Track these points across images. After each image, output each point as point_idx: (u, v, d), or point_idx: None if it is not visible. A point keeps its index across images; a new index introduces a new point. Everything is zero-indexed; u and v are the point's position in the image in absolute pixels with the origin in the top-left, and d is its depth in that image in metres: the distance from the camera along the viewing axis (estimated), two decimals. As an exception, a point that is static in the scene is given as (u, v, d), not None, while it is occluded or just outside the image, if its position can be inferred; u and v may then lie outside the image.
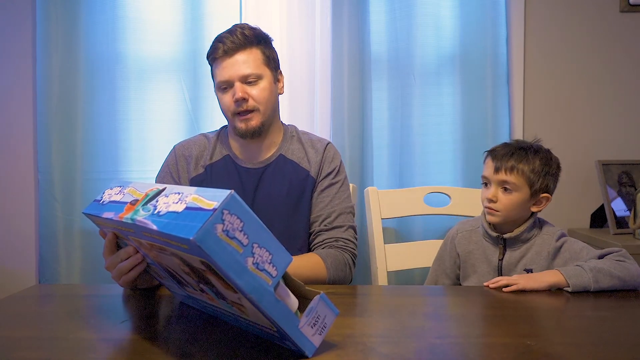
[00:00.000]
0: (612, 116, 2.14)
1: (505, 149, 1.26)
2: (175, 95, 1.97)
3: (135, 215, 0.77)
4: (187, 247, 0.65)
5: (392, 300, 1.11)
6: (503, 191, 1.23)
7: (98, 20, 1.94)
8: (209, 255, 0.62)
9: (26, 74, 2.01)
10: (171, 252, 0.73)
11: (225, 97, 1.31)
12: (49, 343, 0.81)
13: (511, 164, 1.22)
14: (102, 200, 0.93)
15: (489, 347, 0.80)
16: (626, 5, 2.11)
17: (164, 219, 0.70)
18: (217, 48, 1.29)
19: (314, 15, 2.01)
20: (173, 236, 0.65)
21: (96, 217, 0.92)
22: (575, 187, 2.14)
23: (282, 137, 1.41)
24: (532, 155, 1.24)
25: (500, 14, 2.03)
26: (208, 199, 0.66)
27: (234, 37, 1.28)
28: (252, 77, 1.29)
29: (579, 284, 1.06)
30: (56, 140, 1.93)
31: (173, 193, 0.75)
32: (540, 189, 1.24)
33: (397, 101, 2.03)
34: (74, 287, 1.60)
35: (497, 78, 2.04)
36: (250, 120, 1.30)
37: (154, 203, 0.76)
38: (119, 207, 0.84)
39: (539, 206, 1.26)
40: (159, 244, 0.75)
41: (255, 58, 1.30)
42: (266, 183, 1.35)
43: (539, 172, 1.23)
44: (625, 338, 0.84)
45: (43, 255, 1.95)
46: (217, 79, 1.31)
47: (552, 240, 1.23)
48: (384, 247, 1.69)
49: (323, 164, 1.38)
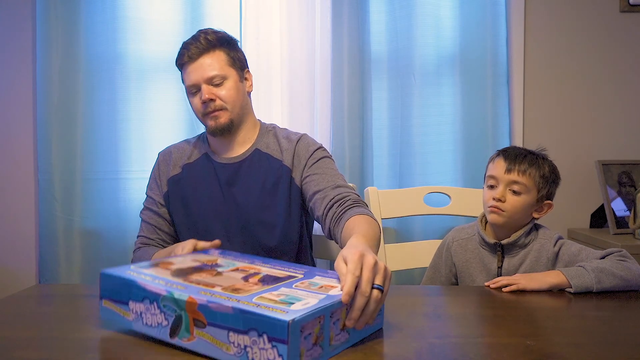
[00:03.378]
0: (612, 116, 2.14)
1: (518, 151, 1.26)
2: (175, 95, 1.97)
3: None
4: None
5: (392, 300, 1.11)
6: (511, 193, 1.22)
7: (98, 20, 1.94)
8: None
9: (26, 74, 2.01)
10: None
11: (195, 100, 1.36)
12: (49, 343, 0.81)
13: (525, 165, 1.22)
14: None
15: (489, 347, 0.80)
16: (626, 5, 2.11)
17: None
18: (182, 54, 1.35)
19: (314, 15, 2.01)
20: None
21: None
22: (575, 187, 2.14)
23: (257, 133, 1.45)
24: (542, 161, 1.25)
25: (500, 14, 2.03)
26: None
27: (197, 42, 1.34)
28: (217, 78, 1.34)
29: (581, 284, 1.06)
30: (56, 140, 1.93)
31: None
32: (545, 195, 1.24)
33: (397, 101, 2.03)
34: (74, 287, 1.60)
35: (497, 78, 2.04)
36: (219, 118, 1.35)
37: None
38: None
39: (540, 213, 1.26)
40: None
41: (219, 60, 1.34)
42: (242, 177, 1.39)
43: (547, 178, 1.24)
44: (626, 338, 0.84)
45: (43, 255, 1.95)
46: (186, 83, 1.37)
47: (550, 246, 1.22)
48: (384, 247, 1.69)
49: (298, 151, 1.39)
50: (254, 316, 0.66)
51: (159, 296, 0.76)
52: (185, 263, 0.93)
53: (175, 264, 0.92)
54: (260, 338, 0.66)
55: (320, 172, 1.35)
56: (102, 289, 0.83)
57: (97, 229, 1.96)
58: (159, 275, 0.83)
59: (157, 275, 0.83)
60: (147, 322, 0.78)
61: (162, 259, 0.96)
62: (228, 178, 1.39)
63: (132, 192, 1.95)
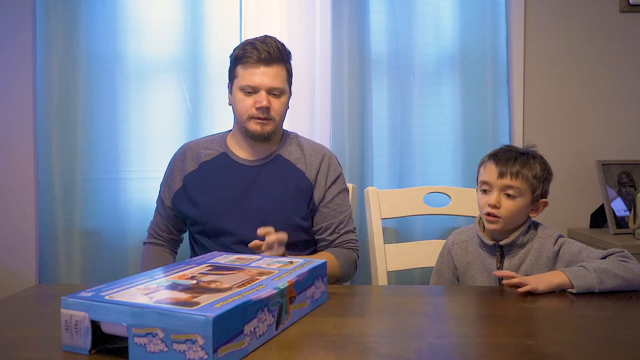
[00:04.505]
0: (612, 116, 2.14)
1: (508, 154, 1.24)
2: (175, 95, 1.97)
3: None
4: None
5: (392, 300, 1.11)
6: (506, 197, 1.21)
7: (98, 20, 1.94)
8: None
9: (26, 74, 2.01)
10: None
11: (248, 100, 1.38)
12: (49, 343, 0.81)
13: (516, 168, 1.20)
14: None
15: (489, 347, 0.80)
16: (626, 5, 2.11)
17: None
18: (250, 52, 1.37)
19: (314, 15, 2.01)
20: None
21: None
22: (575, 187, 2.14)
23: (280, 139, 1.49)
24: (532, 160, 1.23)
25: (500, 14, 2.03)
26: None
27: (270, 48, 1.37)
28: (277, 90, 1.39)
29: (583, 284, 1.06)
30: (56, 140, 1.93)
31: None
32: (540, 195, 1.23)
33: (397, 101, 2.03)
34: (74, 287, 1.59)
35: (497, 78, 2.04)
36: (266, 126, 1.39)
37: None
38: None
39: (537, 212, 1.25)
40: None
41: (283, 74, 1.41)
42: (263, 180, 1.42)
43: (540, 177, 1.22)
44: (626, 338, 0.84)
45: (43, 255, 1.95)
46: (244, 81, 1.38)
47: (550, 245, 1.22)
48: (384, 247, 1.69)
49: (322, 170, 1.46)
50: (314, 271, 0.97)
51: (269, 298, 0.80)
52: (205, 276, 0.92)
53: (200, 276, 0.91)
54: (318, 282, 0.99)
55: (337, 209, 1.46)
56: (215, 338, 0.68)
57: (97, 229, 1.95)
58: (246, 284, 0.84)
59: (251, 285, 0.84)
60: (260, 333, 0.78)
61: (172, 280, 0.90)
62: (248, 179, 1.42)
63: (132, 192, 1.95)
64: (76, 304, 0.75)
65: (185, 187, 1.45)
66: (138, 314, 0.71)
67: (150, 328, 0.70)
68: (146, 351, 0.70)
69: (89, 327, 0.74)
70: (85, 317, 0.74)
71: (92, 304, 0.74)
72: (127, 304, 0.72)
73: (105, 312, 0.73)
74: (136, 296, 0.77)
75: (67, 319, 0.76)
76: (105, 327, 0.74)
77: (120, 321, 0.72)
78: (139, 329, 0.71)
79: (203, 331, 0.67)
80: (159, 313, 0.70)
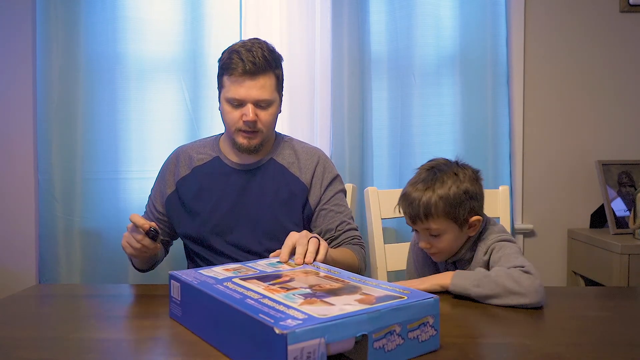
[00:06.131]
0: (612, 116, 2.14)
1: (412, 197, 1.14)
2: (175, 95, 1.97)
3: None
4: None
5: (392, 300, 1.11)
6: (432, 238, 1.15)
7: (98, 20, 1.94)
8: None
9: (26, 74, 2.01)
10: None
11: (234, 113, 1.33)
12: (49, 343, 0.81)
13: (422, 210, 1.12)
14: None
15: (489, 347, 0.80)
16: (626, 5, 2.11)
17: None
18: (235, 63, 1.30)
19: (314, 15, 2.01)
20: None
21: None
22: (575, 187, 2.14)
23: (273, 142, 1.46)
24: (441, 187, 1.13)
25: (500, 14, 2.03)
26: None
27: (255, 58, 1.29)
28: (264, 102, 1.33)
29: (459, 283, 1.03)
30: (56, 140, 1.93)
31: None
32: (467, 217, 1.14)
33: (397, 101, 2.03)
34: (74, 287, 1.60)
35: (497, 78, 2.04)
36: (253, 139, 1.35)
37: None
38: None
39: (474, 229, 1.16)
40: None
41: (271, 84, 1.33)
42: (254, 184, 1.40)
43: (456, 202, 1.12)
44: (625, 338, 0.84)
45: (43, 255, 1.95)
46: (230, 94, 1.32)
47: (482, 255, 1.15)
48: (384, 247, 1.69)
49: (317, 173, 1.43)
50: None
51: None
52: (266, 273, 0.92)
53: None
54: None
55: (335, 209, 1.42)
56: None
57: (97, 229, 1.96)
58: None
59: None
60: None
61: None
62: (240, 184, 1.39)
63: (132, 192, 1.95)
64: (306, 332, 0.64)
65: (178, 192, 1.42)
66: (375, 317, 0.70)
67: (387, 327, 0.71)
68: (385, 352, 0.71)
69: (324, 353, 0.66)
70: (320, 343, 0.66)
71: (326, 325, 0.66)
72: (363, 312, 0.69)
73: (340, 330, 0.67)
74: (332, 310, 0.71)
75: (297, 355, 0.64)
76: (333, 348, 0.68)
77: (360, 332, 0.68)
78: (379, 332, 0.70)
79: (432, 311, 0.76)
80: (396, 309, 0.72)
